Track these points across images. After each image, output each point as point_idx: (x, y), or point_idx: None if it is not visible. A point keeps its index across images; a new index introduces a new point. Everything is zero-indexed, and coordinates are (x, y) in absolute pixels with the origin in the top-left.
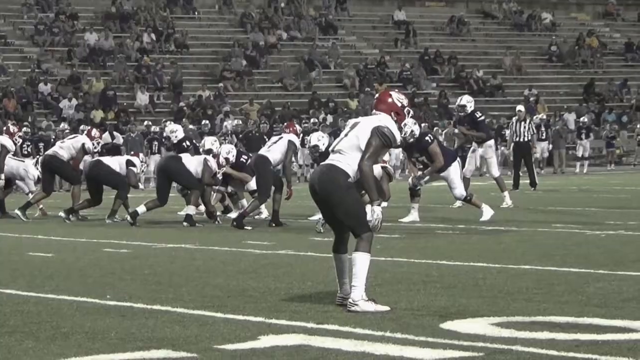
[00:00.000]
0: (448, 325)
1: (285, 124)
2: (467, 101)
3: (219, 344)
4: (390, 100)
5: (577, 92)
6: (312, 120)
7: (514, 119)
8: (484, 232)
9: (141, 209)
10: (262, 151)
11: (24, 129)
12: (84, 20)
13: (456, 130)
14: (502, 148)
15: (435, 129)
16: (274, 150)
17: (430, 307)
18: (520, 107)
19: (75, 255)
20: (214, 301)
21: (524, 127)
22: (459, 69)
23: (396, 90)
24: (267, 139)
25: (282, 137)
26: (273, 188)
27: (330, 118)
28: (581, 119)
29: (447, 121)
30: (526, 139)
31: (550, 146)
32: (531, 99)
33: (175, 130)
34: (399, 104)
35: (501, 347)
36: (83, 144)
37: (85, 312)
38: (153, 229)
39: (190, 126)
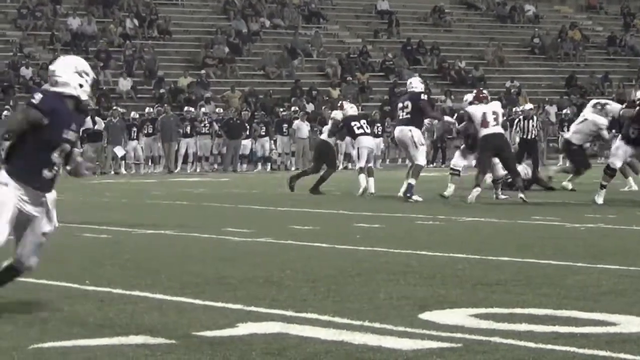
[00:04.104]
0: (427, 315)
1: None
2: None
3: (198, 331)
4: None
5: (558, 84)
6: (292, 108)
7: None
8: (464, 223)
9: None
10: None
11: (5, 112)
12: (67, 4)
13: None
14: None
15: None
16: None
17: (409, 297)
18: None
19: (55, 240)
20: (193, 288)
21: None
22: (441, 59)
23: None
24: (247, 127)
25: None
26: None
27: (311, 106)
28: (563, 111)
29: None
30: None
31: None
32: (513, 90)
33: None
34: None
35: (479, 339)
36: None
37: (63, 297)
38: (133, 214)
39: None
